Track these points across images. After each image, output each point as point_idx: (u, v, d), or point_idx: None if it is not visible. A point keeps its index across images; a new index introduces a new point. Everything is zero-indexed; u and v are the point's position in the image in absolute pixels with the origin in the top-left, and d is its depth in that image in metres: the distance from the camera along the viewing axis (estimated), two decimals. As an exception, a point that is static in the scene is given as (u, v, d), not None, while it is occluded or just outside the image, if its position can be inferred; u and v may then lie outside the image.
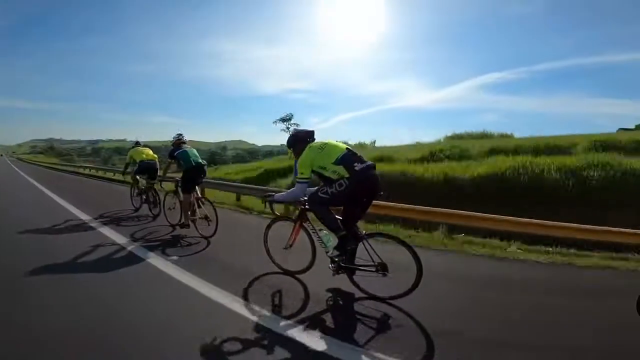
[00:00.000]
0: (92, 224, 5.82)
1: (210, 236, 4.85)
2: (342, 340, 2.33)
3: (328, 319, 2.69)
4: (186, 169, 5.30)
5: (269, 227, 3.69)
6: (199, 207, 5.22)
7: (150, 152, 7.29)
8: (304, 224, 3.33)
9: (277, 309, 2.81)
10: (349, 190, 2.87)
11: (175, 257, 4.04)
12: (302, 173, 3.06)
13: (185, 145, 5.52)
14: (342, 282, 3.13)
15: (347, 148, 3.01)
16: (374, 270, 2.90)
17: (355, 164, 2.87)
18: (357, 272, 3.04)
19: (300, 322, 2.57)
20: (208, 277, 3.35)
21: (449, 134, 20.50)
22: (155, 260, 3.96)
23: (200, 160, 5.41)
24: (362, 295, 3.01)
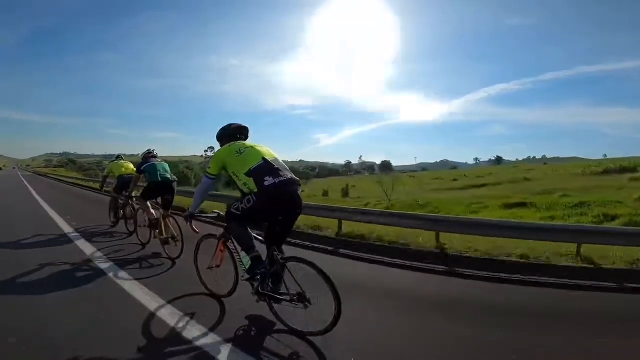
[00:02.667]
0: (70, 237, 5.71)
1: (177, 257, 4.40)
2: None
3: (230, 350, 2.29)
4: (150, 181, 5.00)
5: (198, 245, 3.32)
6: (166, 226, 4.79)
7: (131, 166, 6.93)
8: (228, 243, 2.96)
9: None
10: (258, 208, 2.53)
11: (130, 277, 3.75)
12: (210, 168, 2.79)
13: (155, 159, 5.24)
14: (265, 310, 2.73)
15: (263, 158, 2.62)
16: (288, 300, 2.49)
17: (266, 178, 2.49)
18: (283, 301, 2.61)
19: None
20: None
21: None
22: (109, 278, 3.74)
23: (168, 176, 5.07)
24: (282, 327, 2.60)
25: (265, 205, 2.53)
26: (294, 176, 2.66)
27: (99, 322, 2.68)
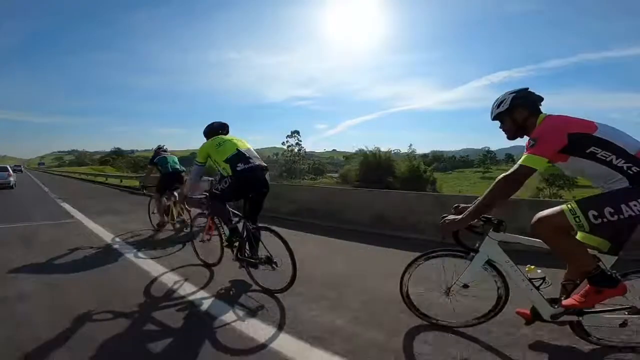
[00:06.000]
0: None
1: (187, 240, 4.89)
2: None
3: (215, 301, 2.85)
4: (162, 173, 5.77)
5: (191, 223, 4.03)
6: (177, 211, 5.60)
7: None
8: (215, 219, 3.55)
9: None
10: (232, 187, 3.15)
11: (145, 252, 4.44)
12: (197, 158, 3.45)
13: (165, 153, 6.00)
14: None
15: (237, 149, 3.25)
16: (258, 262, 3.06)
17: (238, 165, 3.13)
18: (259, 265, 3.14)
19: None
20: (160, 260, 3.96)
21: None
22: (129, 254, 4.37)
23: (177, 167, 5.85)
24: (256, 287, 3.12)
25: (238, 185, 3.16)
26: (262, 163, 3.28)
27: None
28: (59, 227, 6.36)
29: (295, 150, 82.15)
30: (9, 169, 17.88)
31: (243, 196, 3.29)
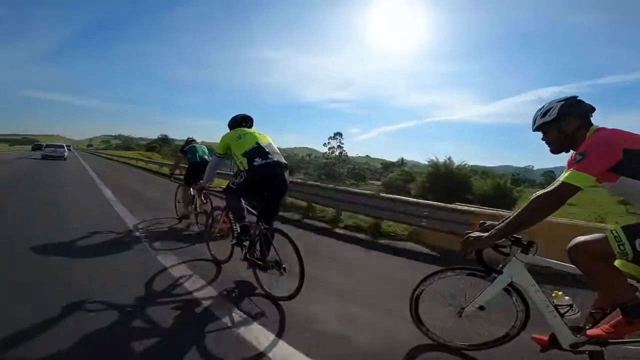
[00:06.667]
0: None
1: (205, 232, 4.83)
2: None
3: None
4: (190, 163, 5.82)
5: (209, 216, 3.91)
6: (201, 201, 5.54)
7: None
8: (229, 214, 3.44)
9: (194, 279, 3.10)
10: (247, 182, 2.99)
11: (161, 242, 4.38)
12: (217, 149, 3.39)
13: (195, 143, 6.10)
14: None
15: (257, 142, 3.12)
16: (266, 265, 2.88)
17: (256, 159, 2.98)
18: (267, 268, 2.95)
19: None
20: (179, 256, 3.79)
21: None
22: (145, 242, 4.34)
23: (206, 157, 5.83)
24: (260, 291, 2.95)
25: (253, 181, 3.00)
26: (281, 159, 3.12)
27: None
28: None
29: (337, 153, 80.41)
30: (65, 146, 27.80)
31: (259, 193, 3.14)
